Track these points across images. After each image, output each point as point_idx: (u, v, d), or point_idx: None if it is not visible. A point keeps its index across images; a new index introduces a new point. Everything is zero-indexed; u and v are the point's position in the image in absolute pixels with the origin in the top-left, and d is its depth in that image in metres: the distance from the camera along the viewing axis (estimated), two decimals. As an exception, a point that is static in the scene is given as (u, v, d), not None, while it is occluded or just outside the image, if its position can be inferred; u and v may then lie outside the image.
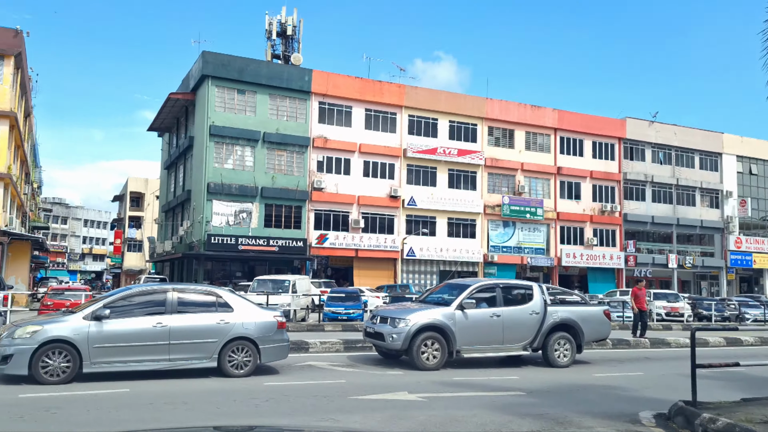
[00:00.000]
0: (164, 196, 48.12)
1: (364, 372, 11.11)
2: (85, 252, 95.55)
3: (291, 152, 37.08)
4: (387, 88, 40.00)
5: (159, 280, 35.91)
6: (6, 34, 30.46)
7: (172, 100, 39.21)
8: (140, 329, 9.42)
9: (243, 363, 9.99)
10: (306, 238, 36.75)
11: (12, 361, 8.73)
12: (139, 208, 71.21)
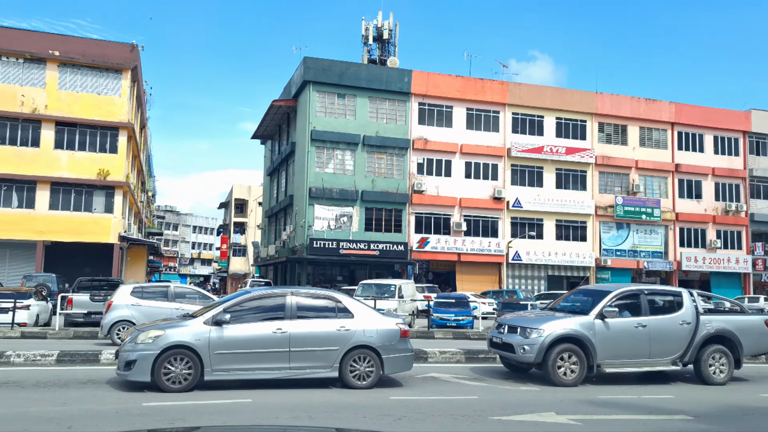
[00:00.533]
0: (267, 202, 49.18)
1: (494, 387, 10.06)
2: (194, 257, 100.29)
3: (391, 155, 36.57)
4: (489, 85, 38.64)
5: (264, 284, 36.50)
6: (123, 49, 32.09)
7: (274, 107, 39.88)
8: (260, 335, 8.90)
9: (365, 374, 9.24)
10: (407, 242, 36.06)
11: (135, 367, 8.45)
12: (243, 215, 73.65)
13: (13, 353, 10.44)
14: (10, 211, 30.03)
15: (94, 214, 31.25)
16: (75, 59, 30.93)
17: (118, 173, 31.63)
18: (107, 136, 31.72)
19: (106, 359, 10.85)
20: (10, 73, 30.43)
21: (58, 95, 30.85)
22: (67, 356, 10.68)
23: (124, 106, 31.91)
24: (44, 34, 30.89)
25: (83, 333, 16.68)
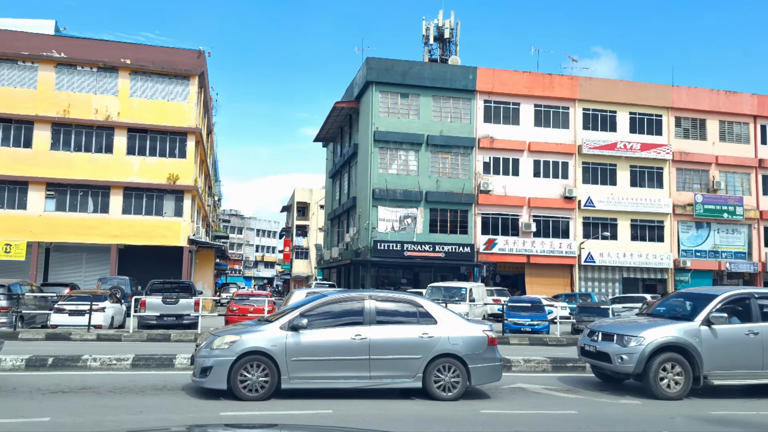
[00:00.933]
0: (329, 204, 49.20)
1: (590, 400, 9.20)
2: (258, 259, 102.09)
3: (456, 154, 35.74)
4: (558, 81, 37.24)
5: (328, 286, 36.35)
6: (190, 56, 32.61)
7: (337, 109, 39.76)
8: (339, 342, 8.38)
9: (451, 384, 8.58)
10: (473, 244, 35.13)
11: (211, 374, 8.08)
12: (305, 218, 74.29)
13: (89, 357, 10.34)
14: (87, 216, 30.96)
15: (165, 218, 31.85)
16: (145, 67, 31.64)
17: (187, 177, 32.14)
18: (176, 141, 32.30)
19: (180, 364, 10.62)
20: (85, 82, 31.41)
21: (130, 102, 31.63)
22: (141, 360, 10.51)
23: (192, 111, 32.41)
24: (116, 44, 31.74)
25: (156, 335, 16.72)
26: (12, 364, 10.00)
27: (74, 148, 31.04)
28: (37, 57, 30.53)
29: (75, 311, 18.12)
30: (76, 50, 31.02)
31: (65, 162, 30.67)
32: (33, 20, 33.21)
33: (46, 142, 30.67)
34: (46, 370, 9.97)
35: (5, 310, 17.02)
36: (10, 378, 9.24)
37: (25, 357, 10.17)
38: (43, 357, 10.24)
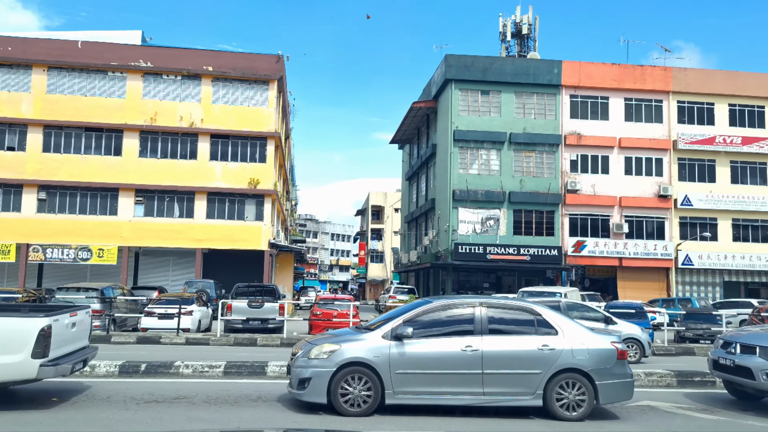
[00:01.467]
0: (406, 207, 48.52)
1: (732, 421, 7.96)
2: (333, 263, 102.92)
3: (540, 153, 34.20)
4: (649, 72, 35.00)
5: (407, 291, 35.63)
6: (269, 60, 32.79)
7: (414, 109, 39.04)
8: (447, 353, 7.55)
9: (575, 403, 7.57)
10: (560, 246, 33.45)
11: (310, 386, 7.43)
12: (379, 221, 74.06)
13: (181, 364, 9.99)
14: (173, 221, 31.63)
15: (246, 222, 32.11)
16: (226, 73, 32.07)
17: (267, 182, 32.29)
18: (257, 146, 32.53)
19: (272, 372, 10.10)
20: (170, 90, 32.17)
21: (212, 109, 32.13)
22: (233, 368, 10.06)
23: (271, 116, 32.57)
24: (199, 51, 32.35)
25: (243, 340, 16.48)
26: (106, 370, 9.78)
27: (161, 154, 31.83)
28: (126, 67, 31.53)
29: (164, 315, 18.20)
30: (161, 59, 31.84)
31: (152, 169, 31.48)
32: (121, 32, 34.40)
33: (135, 150, 31.59)
34: (139, 377, 9.69)
35: (99, 313, 17.25)
36: (104, 385, 8.97)
37: (119, 363, 9.93)
38: (136, 363, 9.97)
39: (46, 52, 30.91)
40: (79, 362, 7.94)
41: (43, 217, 30.64)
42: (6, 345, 7.09)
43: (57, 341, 7.46)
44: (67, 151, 31.14)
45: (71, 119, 30.89)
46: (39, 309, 8.77)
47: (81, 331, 8.31)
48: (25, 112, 30.74)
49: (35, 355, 7.12)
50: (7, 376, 7.13)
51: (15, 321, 7.27)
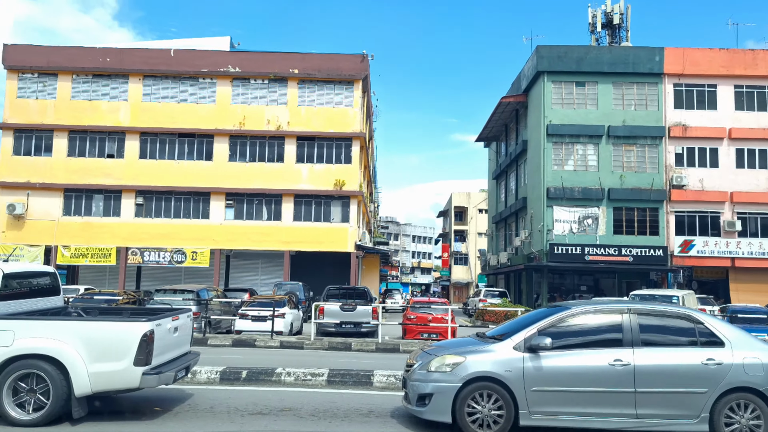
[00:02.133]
0: (493, 207, 46.97)
1: None
2: (414, 265, 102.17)
3: (641, 146, 31.92)
4: (762, 57, 31.98)
5: (498, 294, 34.24)
6: (354, 60, 32.42)
7: (502, 105, 37.59)
8: (592, 368, 6.47)
9: (749, 429, 6.30)
10: (665, 246, 31.03)
11: (431, 403, 6.56)
12: (462, 222, 72.59)
13: (283, 371, 9.39)
14: (262, 224, 31.85)
15: (332, 224, 31.86)
16: (312, 75, 32.00)
17: (353, 183, 31.92)
18: (342, 147, 32.25)
19: (379, 382, 9.31)
20: (258, 94, 32.46)
21: (298, 111, 32.13)
22: (337, 377, 9.35)
23: (356, 116, 32.19)
24: (285, 54, 32.44)
25: (337, 344, 15.89)
26: (207, 377, 9.33)
27: (249, 158, 32.15)
28: (215, 73, 32.08)
29: (257, 317, 17.96)
30: (249, 64, 32.18)
31: (242, 172, 31.84)
32: (210, 39, 35.10)
33: (225, 154, 32.06)
34: (241, 384, 9.16)
35: (195, 315, 17.17)
36: (206, 393, 8.49)
37: (219, 369, 9.46)
38: (237, 370, 9.47)
39: (142, 62, 31.94)
40: (182, 369, 7.47)
41: (140, 222, 31.63)
42: (107, 351, 6.67)
43: (159, 347, 6.99)
44: (162, 157, 32.02)
45: (165, 126, 31.75)
46: (140, 313, 8.40)
47: (183, 335, 7.84)
48: (123, 120, 31.88)
49: (138, 363, 6.66)
50: (108, 384, 6.70)
51: (116, 326, 6.84)
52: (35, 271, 8.24)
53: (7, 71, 32.11)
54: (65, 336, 6.67)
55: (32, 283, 7.94)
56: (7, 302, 7.13)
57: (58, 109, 31.82)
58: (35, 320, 6.93)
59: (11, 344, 6.60)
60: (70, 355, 6.58)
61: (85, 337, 6.69)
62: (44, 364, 6.58)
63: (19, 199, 31.12)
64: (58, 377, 6.55)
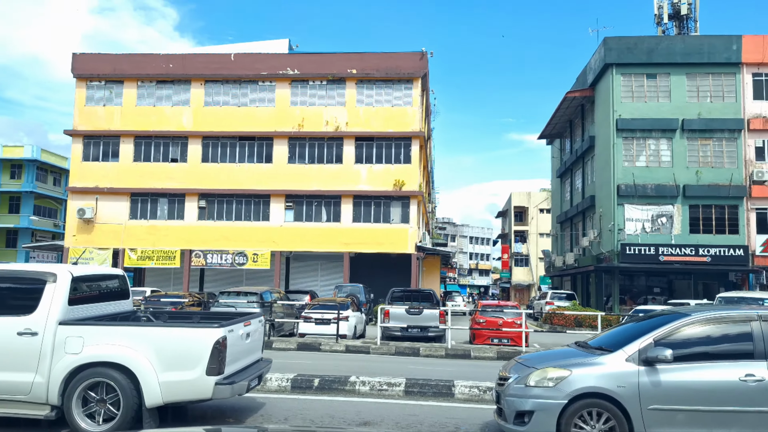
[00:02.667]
0: (557, 206, 45.40)
1: None
2: (472, 267, 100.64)
3: (719, 140, 30.03)
4: None
5: (566, 296, 32.86)
6: (413, 58, 31.81)
7: (567, 100, 36.20)
8: (719, 384, 5.62)
9: None
10: (746, 245, 29.08)
11: (532, 422, 5.84)
12: (522, 223, 70.86)
13: (357, 380, 8.84)
14: (321, 225, 31.64)
15: (392, 225, 31.32)
16: (370, 74, 31.59)
17: (412, 183, 31.30)
18: (401, 146, 31.69)
19: (461, 393, 8.63)
20: (317, 95, 32.30)
21: (356, 111, 31.77)
22: (415, 387, 8.72)
23: (415, 114, 31.58)
24: (343, 55, 32.17)
25: (404, 349, 15.28)
26: (278, 385, 8.88)
27: (308, 160, 31.99)
28: (274, 76, 32.10)
29: (321, 320, 17.59)
30: (307, 66, 32.05)
31: (300, 174, 31.72)
32: (269, 42, 35.24)
33: (284, 156, 32.01)
34: (313, 394, 8.66)
35: (260, 318, 16.94)
36: (278, 402, 8.03)
37: (290, 377, 9.00)
38: (308, 378, 8.98)
39: (203, 66, 32.29)
40: (255, 378, 7.00)
41: (203, 224, 31.95)
42: (178, 360, 6.25)
43: (232, 355, 6.54)
44: (223, 160, 32.26)
45: (226, 130, 31.98)
46: (211, 318, 8.00)
47: (255, 342, 7.39)
48: (185, 125, 32.30)
49: (210, 372, 6.21)
50: (180, 395, 6.28)
51: (187, 332, 6.42)
52: (104, 273, 7.91)
53: (76, 80, 33.08)
54: (135, 343, 6.30)
55: (101, 287, 7.63)
56: (75, 307, 6.74)
57: (124, 115, 32.53)
58: (105, 326, 6.56)
59: (80, 351, 6.28)
60: (140, 363, 6.21)
61: (156, 344, 6.30)
62: (114, 372, 6.23)
63: (88, 203, 31.96)
64: (128, 387, 6.19)
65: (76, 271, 6.88)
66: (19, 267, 6.98)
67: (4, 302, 6.70)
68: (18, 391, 6.25)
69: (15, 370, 6.25)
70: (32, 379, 6.23)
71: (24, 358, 6.27)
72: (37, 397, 6.26)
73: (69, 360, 6.24)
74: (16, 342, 6.31)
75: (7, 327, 6.37)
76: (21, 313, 6.45)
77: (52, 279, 6.58)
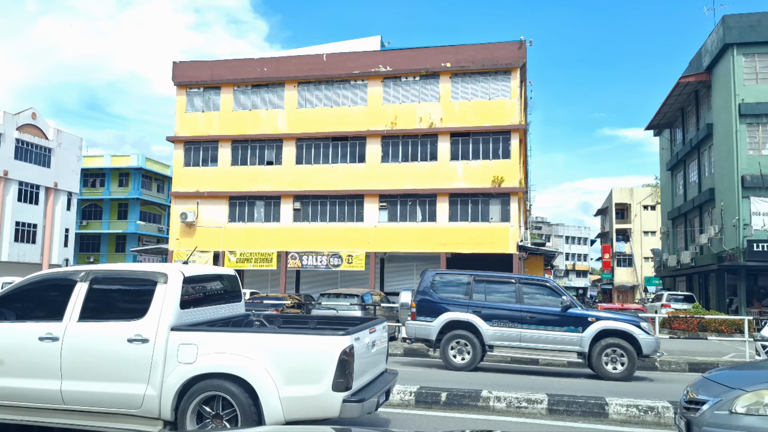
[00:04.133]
0: (668, 201, 42.13)
1: None
2: (569, 268, 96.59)
3: None
4: None
5: (683, 298, 30.17)
6: (510, 48, 30.31)
7: (680, 86, 33.37)
8: None
9: None
10: None
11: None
12: (625, 221, 66.91)
13: (490, 395, 7.76)
14: (416, 225, 30.76)
15: (491, 224, 29.93)
16: (465, 67, 30.39)
17: (512, 179, 29.79)
18: (499, 141, 30.27)
19: (616, 413, 7.34)
20: (409, 92, 31.48)
21: (451, 106, 30.68)
22: (561, 404, 7.51)
23: (514, 107, 30.05)
24: (436, 48, 31.15)
25: (521, 357, 14.00)
26: (400, 398, 7.96)
27: (401, 158, 31.23)
28: (366, 74, 31.59)
29: (426, 324, 16.56)
30: (399, 62, 31.31)
31: (394, 173, 31.00)
32: (361, 40, 34.80)
33: (377, 156, 31.41)
34: (440, 409, 7.68)
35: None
36: (405, 419, 7.11)
37: (413, 390, 8.05)
38: (434, 391, 7.99)
39: (296, 69, 32.29)
40: (383, 394, 6.09)
41: (298, 226, 31.91)
42: (300, 372, 5.42)
43: (359, 366, 5.66)
44: (317, 161, 32.10)
45: (319, 131, 31.80)
46: (328, 323, 7.17)
47: (380, 351, 6.48)
48: (280, 127, 32.42)
49: (336, 387, 5.34)
50: (303, 413, 5.43)
51: (309, 340, 5.56)
52: (215, 273, 7.17)
53: (176, 88, 34.05)
54: (253, 352, 5.52)
55: (213, 288, 6.95)
56: (187, 310, 6.04)
57: (221, 120, 33.11)
58: (219, 332, 5.80)
59: (194, 361, 5.57)
60: (259, 375, 5.43)
61: (275, 353, 5.50)
62: (231, 385, 5.47)
63: (190, 207, 32.74)
64: (246, 402, 5.42)
65: (187, 271, 6.22)
66: (127, 267, 6.42)
67: (113, 306, 6.16)
68: (129, 405, 5.67)
69: (126, 381, 5.66)
70: (144, 392, 5.62)
71: (135, 368, 5.66)
72: (149, 412, 5.64)
73: (182, 370, 5.58)
74: (126, 350, 5.71)
75: (117, 333, 5.79)
76: (131, 317, 5.84)
77: (163, 279, 5.95)
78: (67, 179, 48.05)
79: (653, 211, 63.50)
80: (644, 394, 8.26)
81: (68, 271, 6.33)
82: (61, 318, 5.94)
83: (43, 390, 5.81)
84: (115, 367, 5.70)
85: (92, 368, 5.75)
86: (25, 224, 44.28)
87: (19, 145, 43.69)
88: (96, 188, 55.92)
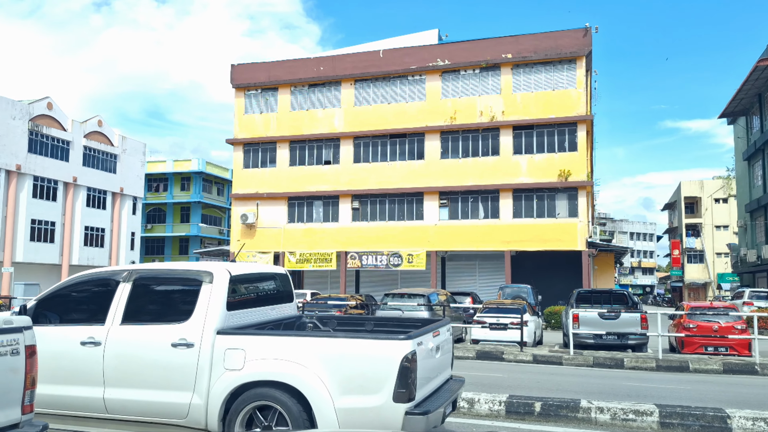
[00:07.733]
0: (745, 194, 39.59)
1: None
2: (634, 265, 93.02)
3: None
4: None
5: (766, 296, 28.09)
6: (575, 36, 29.01)
7: (758, 70, 31.17)
8: None
9: None
10: None
11: None
12: (695, 215, 63.68)
13: (592, 406, 6.93)
14: (478, 223, 29.84)
15: (558, 220, 28.69)
16: (527, 58, 29.26)
17: (580, 172, 28.48)
18: (564, 133, 29.00)
19: (739, 427, 6.40)
20: (469, 85, 30.58)
21: (513, 98, 29.60)
22: (674, 417, 6.61)
23: (580, 97, 28.72)
24: (496, 39, 30.12)
25: (604, 360, 13.05)
26: (488, 408, 7.22)
27: (462, 154, 30.39)
28: (424, 69, 30.88)
29: (496, 325, 15.78)
30: (458, 55, 30.46)
31: (454, 169, 30.18)
32: (418, 34, 34.10)
33: (437, 152, 30.67)
34: (535, 422, 6.91)
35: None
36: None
37: (503, 399, 7.31)
38: (527, 400, 7.23)
39: (353, 66, 31.89)
40: (449, 404, 5.36)
41: (357, 226, 31.50)
42: (357, 380, 4.76)
43: (422, 374, 4.95)
44: (375, 159, 31.61)
45: (377, 128, 31.30)
46: (387, 326, 6.46)
47: (444, 356, 5.73)
48: (337, 126, 32.10)
49: (398, 398, 4.63)
50: (359, 426, 4.72)
51: (367, 345, 4.86)
52: (265, 273, 6.58)
53: (234, 90, 34.24)
54: (305, 358, 4.89)
55: (261, 288, 6.33)
56: (234, 312, 5.51)
57: (279, 121, 33.07)
58: (269, 336, 5.22)
59: (242, 367, 5.03)
60: (312, 384, 4.81)
61: (329, 359, 4.85)
62: (281, 394, 4.88)
63: (250, 209, 32.83)
64: (298, 413, 4.81)
65: (234, 270, 5.66)
66: (172, 266, 5.88)
67: (156, 308, 5.69)
68: (174, 414, 5.19)
69: (171, 389, 5.19)
70: (189, 400, 5.13)
71: (180, 375, 5.18)
72: (195, 422, 5.14)
73: (229, 378, 5.04)
74: (170, 355, 5.23)
75: (160, 337, 5.32)
76: (175, 320, 5.36)
77: (208, 279, 5.43)
78: (132, 184, 49.35)
79: (725, 204, 60.23)
80: (735, 399, 7.24)
81: (111, 270, 5.91)
82: (103, 321, 5.57)
83: (87, 398, 5.45)
84: (159, 374, 5.26)
85: (135, 375, 5.34)
86: (94, 228, 45.68)
87: (86, 152, 45.11)
88: (159, 192, 57.35)
